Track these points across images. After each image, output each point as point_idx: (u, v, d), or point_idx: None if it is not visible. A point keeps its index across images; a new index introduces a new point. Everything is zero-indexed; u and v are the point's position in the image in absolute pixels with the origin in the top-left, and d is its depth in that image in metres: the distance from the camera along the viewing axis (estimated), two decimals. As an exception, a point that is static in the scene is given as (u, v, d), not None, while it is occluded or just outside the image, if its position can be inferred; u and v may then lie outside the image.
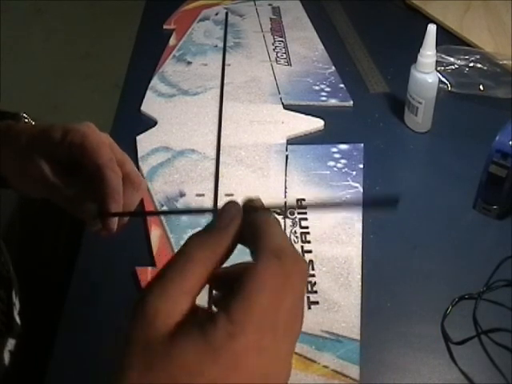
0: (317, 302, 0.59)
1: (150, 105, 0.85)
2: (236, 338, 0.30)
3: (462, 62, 0.89)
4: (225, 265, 0.37)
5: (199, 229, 0.66)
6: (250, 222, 0.35)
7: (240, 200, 0.36)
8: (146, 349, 0.30)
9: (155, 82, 0.89)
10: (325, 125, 0.81)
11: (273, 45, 0.98)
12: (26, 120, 0.56)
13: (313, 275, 0.62)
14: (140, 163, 0.75)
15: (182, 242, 0.64)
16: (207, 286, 0.35)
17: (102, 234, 0.51)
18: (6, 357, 0.58)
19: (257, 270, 0.32)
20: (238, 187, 0.72)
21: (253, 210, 0.35)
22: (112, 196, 0.48)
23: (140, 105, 0.84)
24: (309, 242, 0.65)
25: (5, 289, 0.61)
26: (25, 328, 0.62)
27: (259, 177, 0.73)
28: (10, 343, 0.59)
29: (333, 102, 0.86)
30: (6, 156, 0.51)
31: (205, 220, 0.67)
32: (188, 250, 0.33)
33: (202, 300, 0.36)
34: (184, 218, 0.68)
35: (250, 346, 0.30)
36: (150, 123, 0.82)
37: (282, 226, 0.67)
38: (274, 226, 0.34)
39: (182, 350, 0.30)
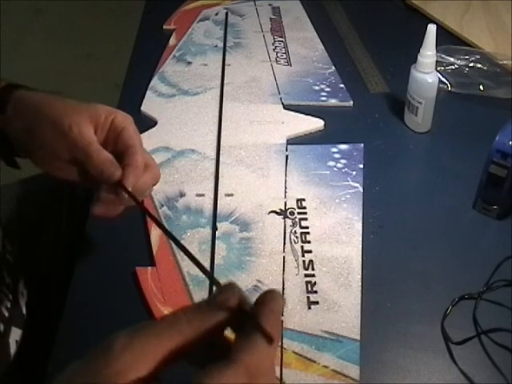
0: (317, 302, 0.59)
1: (150, 105, 0.85)
2: None
3: (462, 62, 0.89)
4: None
5: (199, 229, 0.67)
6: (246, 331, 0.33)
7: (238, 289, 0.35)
8: None
9: (155, 82, 0.89)
10: (325, 125, 0.81)
11: (273, 45, 0.98)
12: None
13: (313, 275, 0.62)
14: (140, 163, 0.75)
15: (182, 242, 0.64)
16: None
17: (106, 214, 0.54)
18: (12, 346, 0.58)
19: (220, 377, 0.30)
20: (238, 187, 0.72)
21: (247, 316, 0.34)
22: (134, 167, 0.52)
23: (140, 105, 0.84)
24: (309, 242, 0.65)
25: (12, 276, 0.61)
26: (30, 319, 0.62)
27: (259, 177, 0.73)
28: (16, 332, 0.59)
29: (333, 101, 0.86)
30: (35, 126, 0.54)
31: (205, 220, 0.67)
32: (174, 320, 0.33)
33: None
34: (184, 217, 0.68)
35: None
36: (150, 123, 0.81)
37: (282, 227, 0.67)
38: (262, 343, 0.32)
39: None
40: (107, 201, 0.54)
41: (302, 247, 0.65)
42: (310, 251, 0.64)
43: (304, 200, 0.70)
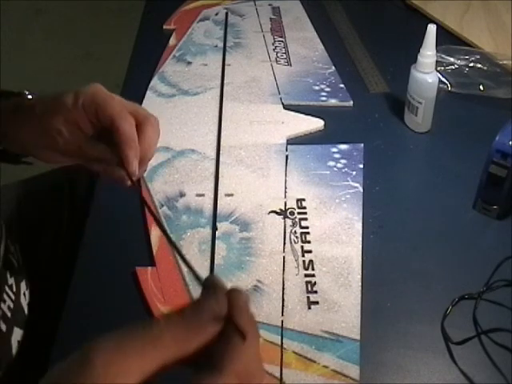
0: (317, 302, 0.59)
1: (150, 105, 0.85)
2: None
3: (462, 62, 0.89)
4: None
5: (199, 229, 0.67)
6: (228, 334, 0.32)
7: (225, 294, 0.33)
8: None
9: (155, 82, 0.89)
10: (325, 125, 0.81)
11: (273, 45, 0.98)
12: (30, 96, 0.57)
13: (313, 275, 0.62)
14: (140, 163, 0.75)
15: (182, 242, 0.64)
16: None
17: (122, 183, 0.53)
18: (14, 346, 0.58)
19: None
20: (238, 187, 0.72)
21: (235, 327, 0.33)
22: (127, 143, 0.50)
23: (140, 105, 0.84)
24: (309, 242, 0.65)
25: (15, 276, 0.61)
26: (32, 319, 0.62)
27: (259, 177, 0.73)
28: (17, 333, 0.59)
29: (333, 102, 0.86)
30: (25, 130, 0.53)
31: (205, 220, 0.67)
32: (157, 334, 0.31)
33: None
34: (184, 217, 0.68)
35: None
36: (150, 123, 0.81)
37: (282, 227, 0.67)
38: (252, 346, 0.32)
39: None
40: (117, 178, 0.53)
41: (302, 247, 0.65)
42: (310, 251, 0.64)
43: (304, 200, 0.70)
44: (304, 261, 0.63)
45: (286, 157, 0.76)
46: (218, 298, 0.33)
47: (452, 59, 0.89)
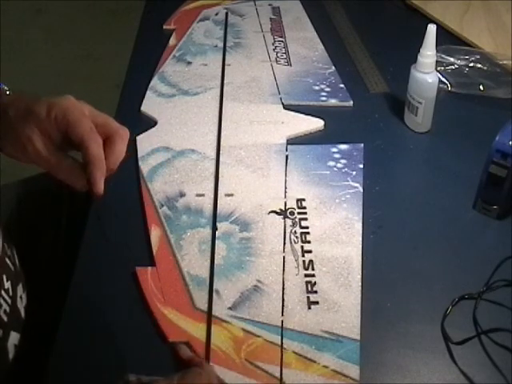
0: (317, 302, 0.59)
1: (150, 105, 0.85)
2: None
3: (462, 62, 0.89)
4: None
5: (199, 229, 0.67)
6: None
7: None
8: None
9: (155, 82, 0.89)
10: (325, 125, 0.81)
11: (273, 45, 0.98)
12: (8, 92, 0.57)
13: (313, 275, 0.62)
14: (140, 163, 0.75)
15: (182, 242, 0.64)
16: None
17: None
18: (11, 350, 0.58)
19: None
20: (238, 187, 0.72)
21: None
22: (95, 164, 0.52)
23: (140, 105, 0.84)
24: (309, 242, 0.65)
25: (11, 280, 0.61)
26: (28, 322, 0.62)
27: (259, 177, 0.73)
28: (14, 337, 0.59)
29: (333, 102, 0.86)
30: None
31: (205, 220, 0.67)
32: None
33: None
34: (184, 217, 0.68)
35: None
36: (150, 123, 0.82)
37: (282, 227, 0.67)
38: None
39: None
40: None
41: (302, 247, 0.65)
42: (310, 251, 0.64)
43: (304, 200, 0.70)
44: (304, 261, 0.63)
45: (286, 157, 0.76)
46: None
47: (452, 59, 0.89)
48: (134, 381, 0.48)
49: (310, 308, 0.59)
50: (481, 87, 0.86)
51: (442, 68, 0.88)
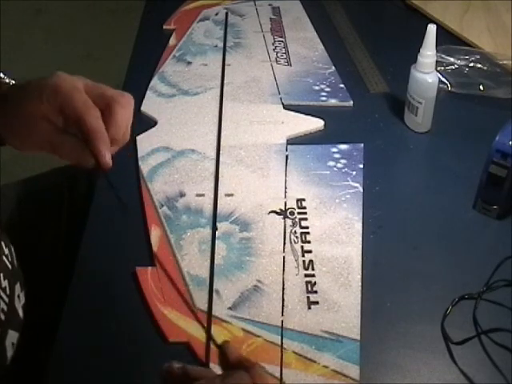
0: (317, 302, 0.59)
1: (150, 105, 0.85)
2: None
3: (462, 62, 0.89)
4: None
5: (199, 229, 0.67)
6: None
7: None
8: None
9: (155, 82, 0.89)
10: (325, 125, 0.81)
11: (273, 45, 0.98)
12: (7, 80, 0.57)
13: (313, 275, 0.62)
14: (140, 163, 0.75)
15: (182, 242, 0.65)
16: None
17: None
18: (9, 349, 0.58)
19: None
20: (238, 187, 0.72)
21: None
22: (95, 136, 0.51)
23: (140, 105, 0.84)
24: (309, 242, 0.65)
25: (8, 279, 0.61)
26: (27, 322, 0.62)
27: (259, 177, 0.73)
28: (12, 336, 0.59)
29: (333, 102, 0.86)
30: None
31: (205, 220, 0.67)
32: None
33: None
34: (184, 217, 0.68)
35: None
36: (150, 123, 0.81)
37: (282, 227, 0.67)
38: None
39: None
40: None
41: (302, 247, 0.65)
42: (310, 251, 0.64)
43: (304, 200, 0.70)
44: (304, 261, 0.63)
45: (286, 157, 0.76)
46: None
47: (452, 59, 0.89)
48: (179, 367, 0.47)
49: (309, 308, 0.59)
50: (481, 87, 0.86)
51: (442, 68, 0.88)
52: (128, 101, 0.55)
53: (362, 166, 0.75)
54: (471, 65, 0.88)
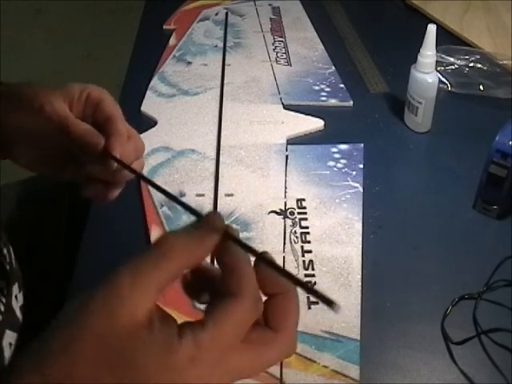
0: (317, 302, 0.59)
1: (150, 105, 0.85)
2: (195, 364, 0.30)
3: (462, 62, 0.89)
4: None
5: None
6: (231, 250, 0.35)
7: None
8: (101, 339, 0.30)
9: (155, 82, 0.89)
10: (325, 125, 0.81)
11: (273, 45, 0.98)
12: None
13: (313, 275, 0.62)
14: (140, 163, 0.75)
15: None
16: None
17: (97, 195, 0.52)
18: (6, 349, 0.58)
19: (235, 309, 0.32)
20: (238, 187, 0.72)
21: (234, 240, 0.35)
22: (117, 138, 0.49)
23: (140, 105, 0.84)
24: (309, 242, 0.65)
25: (6, 280, 0.61)
26: (26, 323, 0.62)
27: (259, 177, 0.73)
28: (10, 336, 0.59)
29: (333, 102, 0.86)
30: (20, 121, 0.52)
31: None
32: (167, 247, 0.33)
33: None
34: (184, 218, 0.68)
35: (204, 374, 0.31)
36: (150, 123, 0.82)
37: (282, 227, 0.67)
38: (251, 267, 0.35)
39: (140, 358, 0.30)
40: (97, 178, 0.51)
41: (302, 247, 0.65)
42: (310, 251, 0.64)
43: (304, 200, 0.70)
44: (304, 261, 0.63)
45: (286, 157, 0.76)
46: (216, 214, 0.35)
47: (452, 59, 0.89)
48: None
49: (309, 308, 0.59)
50: (481, 87, 0.86)
51: (442, 68, 0.88)
52: (142, 143, 0.54)
53: (361, 166, 0.75)
54: (471, 65, 0.88)
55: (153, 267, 0.32)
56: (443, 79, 0.87)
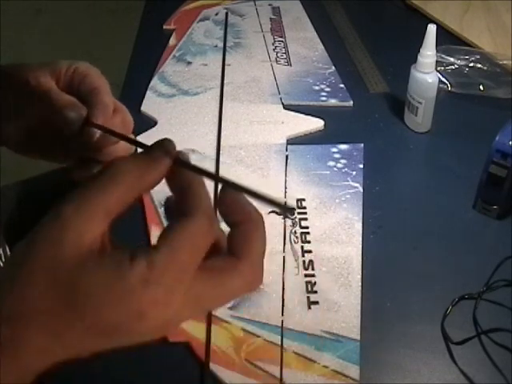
0: (317, 302, 0.59)
1: (150, 105, 0.85)
2: (149, 286, 0.29)
3: (462, 62, 0.89)
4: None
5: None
6: (183, 174, 0.35)
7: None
8: (49, 269, 0.29)
9: (155, 81, 0.89)
10: (325, 125, 0.81)
11: (273, 45, 0.98)
12: None
13: (313, 275, 0.62)
14: (140, 163, 0.75)
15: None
16: None
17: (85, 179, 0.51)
18: None
19: (189, 227, 0.31)
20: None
21: (185, 164, 0.35)
22: (100, 108, 0.48)
23: (140, 105, 0.84)
24: (309, 242, 0.65)
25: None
26: None
27: (259, 177, 0.73)
28: None
29: (333, 102, 0.86)
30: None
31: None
32: (114, 171, 0.32)
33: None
34: (184, 218, 0.68)
35: (159, 299, 0.29)
36: (150, 123, 0.81)
37: (282, 227, 0.67)
38: (204, 187, 0.35)
39: (89, 286, 0.29)
40: (82, 156, 0.50)
41: (302, 247, 0.65)
42: (310, 251, 0.64)
43: (304, 200, 0.70)
44: (304, 261, 0.63)
45: (286, 157, 0.76)
46: (166, 141, 0.35)
47: (452, 59, 0.89)
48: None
49: (309, 308, 0.59)
50: (481, 87, 0.86)
51: (442, 68, 0.88)
52: (129, 117, 0.53)
53: (361, 166, 0.75)
54: (471, 65, 0.88)
55: (98, 191, 0.31)
56: (443, 79, 0.87)
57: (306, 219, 0.68)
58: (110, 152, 0.51)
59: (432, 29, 0.73)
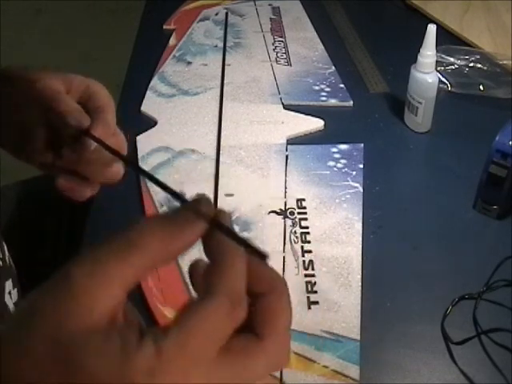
0: (317, 302, 0.59)
1: (150, 105, 0.85)
2: (155, 376, 0.26)
3: (462, 62, 0.89)
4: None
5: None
6: (219, 240, 0.30)
7: (211, 201, 0.31)
8: (51, 342, 0.26)
9: (155, 82, 0.89)
10: (325, 125, 0.81)
11: (273, 45, 0.98)
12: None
13: (313, 275, 0.62)
14: (140, 163, 0.75)
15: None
16: None
17: (70, 188, 0.52)
18: None
19: (206, 310, 0.27)
20: (238, 187, 0.72)
21: (222, 228, 0.30)
22: (102, 124, 0.49)
23: (140, 105, 0.84)
24: (309, 242, 0.65)
25: None
26: None
27: (259, 177, 0.73)
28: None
29: (333, 102, 0.86)
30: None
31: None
32: (136, 234, 0.28)
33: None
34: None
35: None
36: (150, 123, 0.81)
37: (282, 227, 0.67)
38: (240, 262, 0.30)
39: (91, 366, 0.26)
40: (71, 168, 0.51)
41: (302, 247, 0.65)
42: (310, 251, 0.64)
43: (304, 200, 0.70)
44: (304, 261, 0.63)
45: (286, 157, 0.76)
46: (202, 200, 0.31)
47: (452, 59, 0.89)
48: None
49: (309, 308, 0.59)
50: (481, 87, 0.86)
51: (442, 68, 0.88)
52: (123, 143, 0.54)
53: (361, 166, 0.75)
54: (471, 65, 0.88)
55: (117, 259, 0.27)
56: (443, 79, 0.87)
57: (306, 219, 0.68)
58: (99, 171, 0.52)
59: (432, 29, 0.73)
